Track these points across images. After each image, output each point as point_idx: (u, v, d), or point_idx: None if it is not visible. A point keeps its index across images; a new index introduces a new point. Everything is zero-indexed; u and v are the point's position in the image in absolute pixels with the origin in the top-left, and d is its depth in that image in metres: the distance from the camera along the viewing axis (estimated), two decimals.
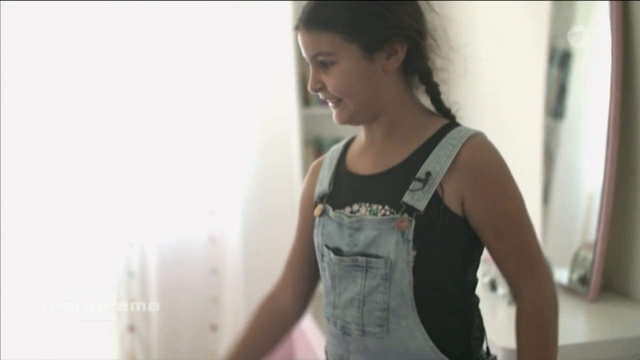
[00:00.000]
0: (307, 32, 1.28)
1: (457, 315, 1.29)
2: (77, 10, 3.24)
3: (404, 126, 1.32)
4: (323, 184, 1.39)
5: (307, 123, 3.66)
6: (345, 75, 1.27)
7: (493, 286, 2.16)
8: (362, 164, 1.35)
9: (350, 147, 1.41)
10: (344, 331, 1.32)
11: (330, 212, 1.34)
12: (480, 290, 1.44)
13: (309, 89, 1.32)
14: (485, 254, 1.35)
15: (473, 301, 1.34)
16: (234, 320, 3.50)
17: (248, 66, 3.52)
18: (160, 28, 3.37)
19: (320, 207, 1.37)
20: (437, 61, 1.33)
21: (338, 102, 1.31)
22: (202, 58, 3.44)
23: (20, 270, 3.22)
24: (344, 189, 1.35)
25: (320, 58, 1.28)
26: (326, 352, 1.41)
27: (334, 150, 1.44)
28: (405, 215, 1.24)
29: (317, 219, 1.37)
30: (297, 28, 1.31)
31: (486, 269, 2.20)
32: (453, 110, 1.35)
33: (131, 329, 3.41)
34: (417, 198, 1.24)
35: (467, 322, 1.31)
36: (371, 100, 1.29)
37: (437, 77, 1.33)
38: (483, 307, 1.47)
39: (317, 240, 1.37)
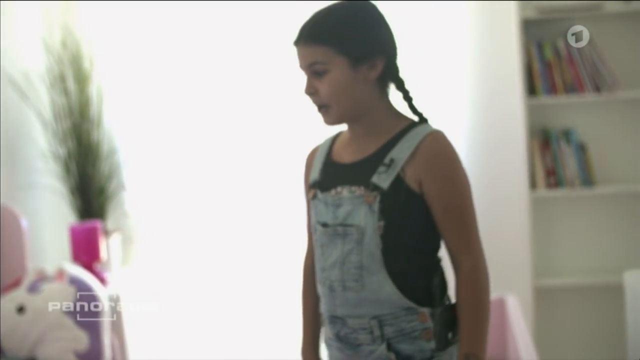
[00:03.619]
0: (305, 46, 1.59)
1: (421, 270, 1.60)
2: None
3: (379, 125, 1.63)
4: (315, 173, 1.71)
5: (532, 113, 3.55)
6: (335, 82, 1.58)
7: None
8: (345, 155, 1.67)
9: (338, 139, 1.73)
10: (331, 289, 1.62)
11: (319, 194, 1.66)
12: None
13: (304, 91, 1.61)
14: None
15: (434, 260, 1.63)
16: None
17: (471, 57, 3.52)
18: None
19: (312, 191, 1.68)
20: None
21: (323, 107, 1.61)
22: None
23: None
24: (330, 176, 1.67)
25: (316, 67, 1.58)
26: (322, 312, 1.70)
27: (325, 142, 1.75)
28: (374, 192, 1.56)
29: (311, 202, 1.69)
30: (296, 43, 1.60)
31: None
32: (424, 114, 1.66)
33: None
34: (383, 179, 1.57)
35: (429, 276, 1.61)
36: (353, 104, 1.60)
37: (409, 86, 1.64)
38: None
39: (312, 219, 1.69)
